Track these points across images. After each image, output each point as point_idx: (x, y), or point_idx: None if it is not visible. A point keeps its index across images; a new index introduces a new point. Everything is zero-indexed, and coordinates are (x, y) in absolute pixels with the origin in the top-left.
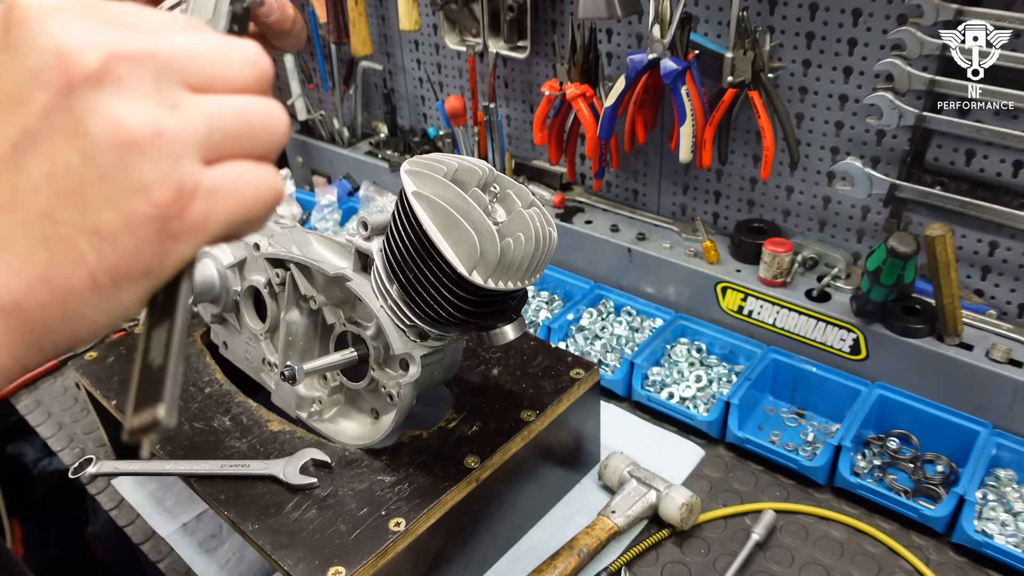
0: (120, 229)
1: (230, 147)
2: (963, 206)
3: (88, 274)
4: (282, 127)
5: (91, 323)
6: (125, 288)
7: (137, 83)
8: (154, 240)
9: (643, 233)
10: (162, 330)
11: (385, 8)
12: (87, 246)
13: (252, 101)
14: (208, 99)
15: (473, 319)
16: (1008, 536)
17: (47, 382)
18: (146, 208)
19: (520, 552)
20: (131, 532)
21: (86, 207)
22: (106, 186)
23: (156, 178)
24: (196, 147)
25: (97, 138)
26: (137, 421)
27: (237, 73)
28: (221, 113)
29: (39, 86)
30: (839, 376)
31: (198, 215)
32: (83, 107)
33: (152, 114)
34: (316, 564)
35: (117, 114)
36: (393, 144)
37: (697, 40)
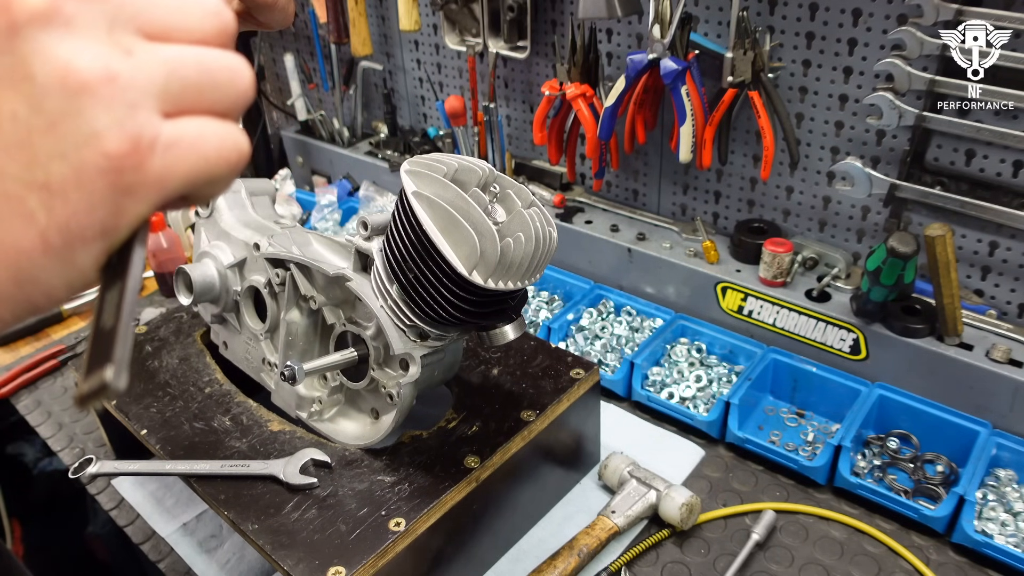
0: (71, 183)
1: (190, 100)
2: (963, 206)
3: (38, 234)
4: (246, 81)
5: (47, 288)
6: (79, 249)
7: (88, 25)
8: (108, 195)
9: (643, 233)
10: (114, 292)
11: (385, 8)
12: (36, 202)
13: (213, 53)
14: (166, 47)
15: (473, 319)
16: (1008, 536)
17: (47, 382)
18: (99, 160)
19: (520, 552)
20: (131, 532)
21: (34, 160)
22: (55, 136)
23: (109, 127)
24: (153, 96)
25: (44, 83)
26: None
27: (197, 23)
28: (180, 62)
29: None
30: (839, 376)
31: (156, 170)
32: (28, 49)
33: (105, 57)
34: (316, 564)
35: (66, 57)
36: (393, 144)
37: (697, 40)
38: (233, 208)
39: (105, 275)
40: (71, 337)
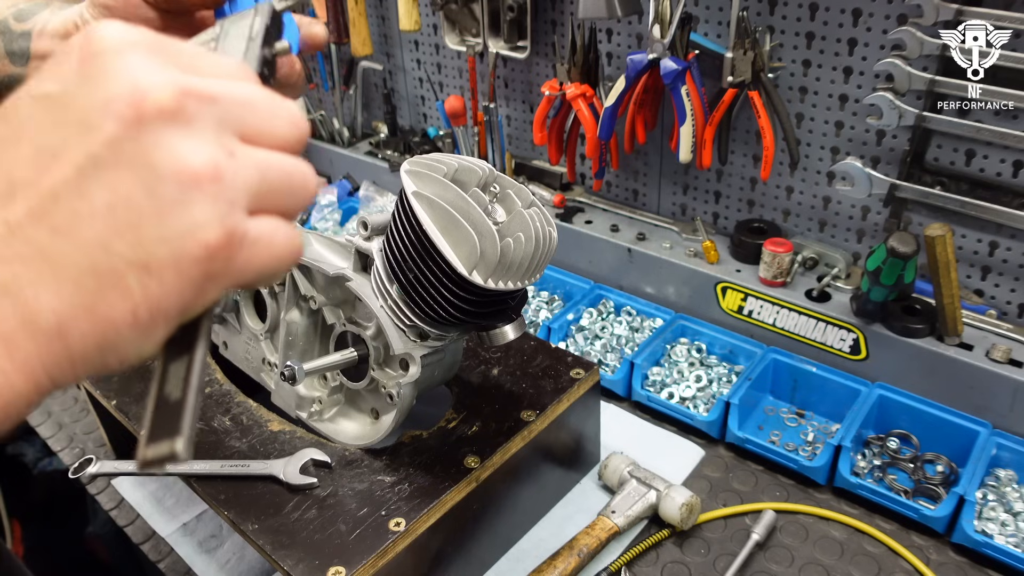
0: (169, 267)
1: (270, 201)
2: (963, 206)
3: (131, 308)
4: (313, 190)
5: (122, 355)
6: (160, 325)
7: (203, 124)
8: (197, 281)
9: (643, 233)
10: (180, 364)
11: (385, 8)
12: (135, 280)
13: (292, 160)
14: (257, 152)
15: (473, 319)
16: (1008, 536)
17: None
18: (197, 249)
19: (520, 552)
20: (131, 532)
21: (140, 241)
22: (163, 222)
23: (211, 220)
24: (247, 196)
25: (162, 172)
26: (152, 452)
27: (284, 131)
28: (269, 167)
29: (111, 115)
30: (839, 376)
31: (239, 262)
32: (151, 141)
33: (215, 156)
34: (316, 564)
35: (184, 152)
36: (393, 144)
37: (697, 40)
38: None
39: (168, 347)
40: None
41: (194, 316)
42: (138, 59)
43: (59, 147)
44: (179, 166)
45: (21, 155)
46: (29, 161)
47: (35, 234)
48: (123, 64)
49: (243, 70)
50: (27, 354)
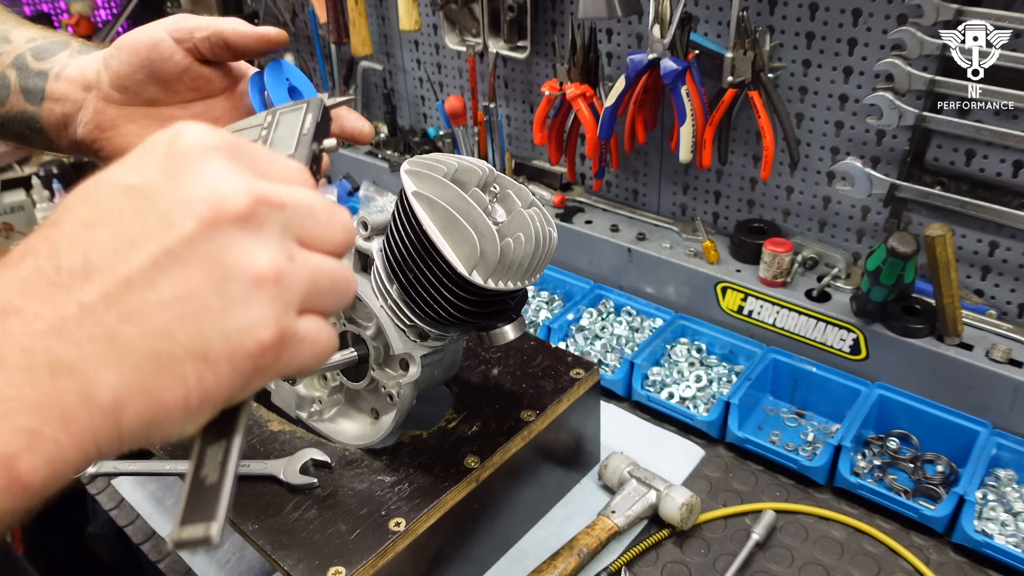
0: (225, 359)
1: (317, 302)
2: (963, 206)
3: (183, 394)
4: (352, 293)
5: (167, 434)
6: (207, 410)
7: (270, 230)
8: (248, 373)
9: (643, 233)
10: (218, 448)
11: (385, 8)
12: (191, 368)
13: (340, 266)
14: (313, 256)
15: (473, 319)
16: (1008, 536)
17: None
18: (252, 346)
19: (520, 552)
20: (131, 532)
21: (202, 333)
22: (225, 318)
23: (268, 319)
24: (300, 298)
25: (230, 272)
26: (187, 534)
27: (336, 238)
28: (321, 272)
29: (190, 214)
30: (839, 376)
31: (285, 359)
32: (224, 242)
33: (278, 261)
34: (316, 564)
35: (252, 255)
36: (393, 144)
37: (697, 40)
38: None
39: (208, 429)
40: None
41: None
42: (219, 163)
43: (138, 237)
44: (246, 268)
45: (101, 239)
46: (108, 247)
47: (105, 317)
48: (205, 167)
49: (305, 175)
50: (82, 427)
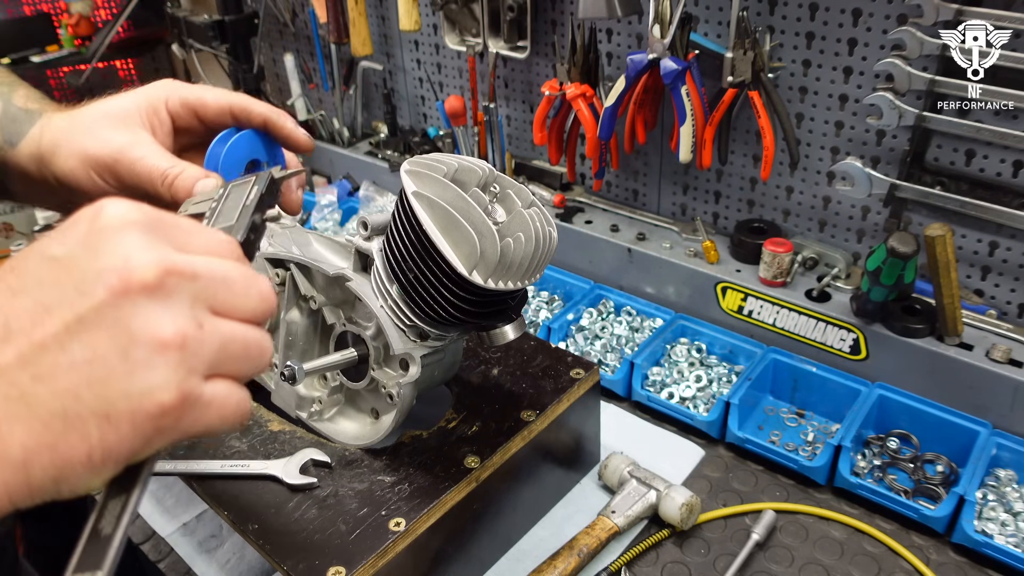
0: (126, 419)
1: (227, 367)
2: (963, 206)
3: (87, 451)
4: (267, 360)
5: (73, 488)
6: (110, 467)
7: (179, 299)
8: (148, 433)
9: (643, 233)
10: (117, 502)
11: (385, 8)
12: (95, 427)
13: (253, 333)
14: (224, 323)
15: (473, 319)
16: (1008, 536)
17: None
18: (153, 407)
19: (520, 552)
20: (131, 532)
21: (106, 394)
22: (128, 380)
23: (169, 383)
24: (206, 364)
25: (135, 337)
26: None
27: (251, 306)
28: (233, 338)
29: (102, 284)
30: (839, 376)
31: (187, 421)
32: (131, 311)
33: (184, 327)
34: (316, 564)
35: (157, 322)
36: (393, 144)
37: (697, 40)
38: None
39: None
40: None
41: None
42: (134, 237)
43: (53, 305)
44: (151, 334)
45: (21, 306)
46: (27, 313)
47: (19, 377)
48: (120, 240)
49: (230, 247)
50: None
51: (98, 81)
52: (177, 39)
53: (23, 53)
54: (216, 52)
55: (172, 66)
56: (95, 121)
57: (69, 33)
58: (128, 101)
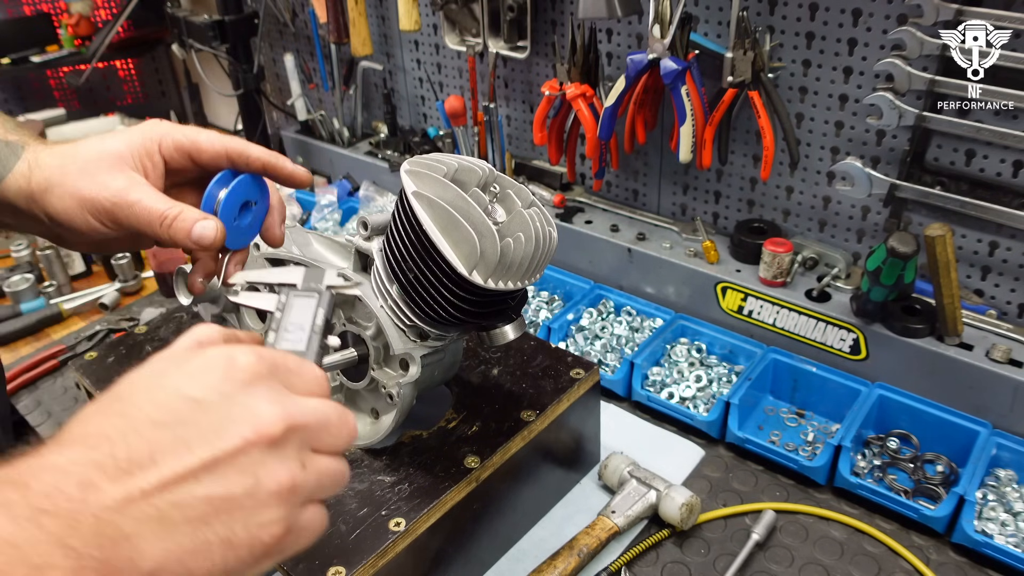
0: (245, 546)
1: (317, 496)
2: (963, 206)
3: (209, 568)
4: (344, 481)
5: None
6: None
7: (294, 448)
8: (260, 558)
9: (643, 233)
10: None
11: (385, 8)
12: (218, 550)
13: (339, 465)
14: (321, 460)
15: (473, 319)
16: (1008, 536)
17: (47, 382)
18: (268, 538)
19: (520, 552)
20: None
21: (231, 524)
22: (249, 516)
23: (281, 519)
24: (306, 498)
25: (260, 483)
26: None
27: (341, 443)
28: (327, 473)
29: (237, 433)
30: (839, 376)
31: (289, 546)
32: (259, 459)
33: (294, 474)
34: (316, 564)
35: (276, 472)
36: (393, 144)
37: (697, 40)
38: None
39: None
40: (71, 337)
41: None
42: (262, 391)
43: (194, 443)
44: (271, 480)
45: (164, 439)
46: (169, 446)
47: (159, 501)
48: (251, 394)
49: (324, 384)
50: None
51: (98, 81)
52: (177, 39)
53: (23, 53)
54: (216, 52)
55: (172, 66)
56: (90, 163)
57: (69, 33)
58: (121, 143)
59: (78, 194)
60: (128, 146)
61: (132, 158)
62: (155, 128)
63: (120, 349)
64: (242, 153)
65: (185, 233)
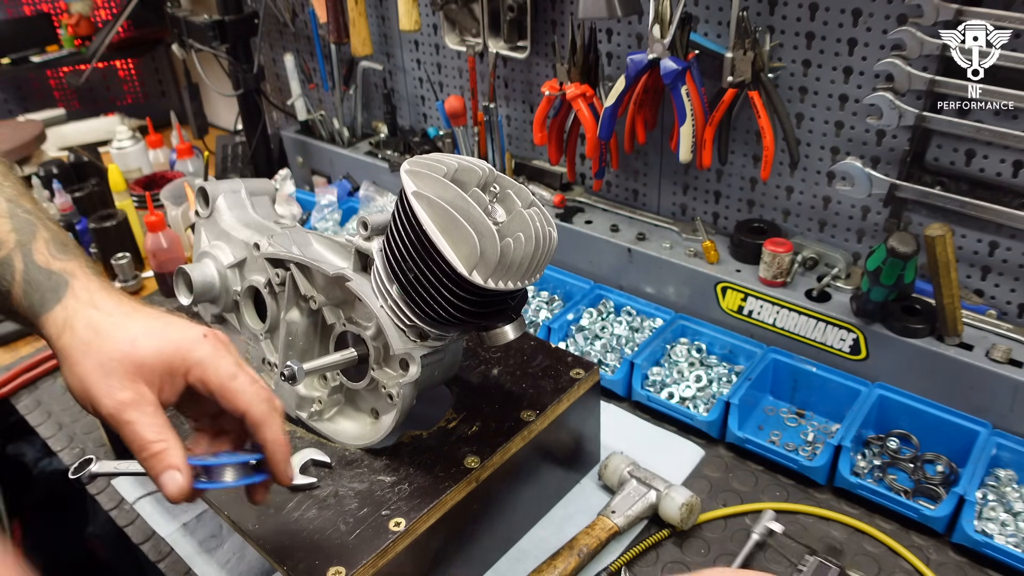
0: None
1: None
2: (963, 206)
3: None
4: None
5: None
6: None
7: None
8: None
9: (643, 233)
10: None
11: (385, 8)
12: None
13: None
14: None
15: (473, 319)
16: (1008, 536)
17: (47, 382)
18: None
19: (520, 552)
20: (131, 532)
21: None
22: None
23: None
24: None
25: None
26: None
27: None
28: None
29: None
30: (839, 376)
31: None
32: None
33: None
34: (316, 564)
35: None
36: (393, 144)
37: (697, 40)
38: (233, 208)
39: None
40: None
41: None
42: None
43: None
44: None
45: None
46: None
47: None
48: None
49: None
50: None
51: (98, 81)
52: (177, 39)
53: (23, 53)
54: (216, 52)
55: (172, 66)
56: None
57: (69, 33)
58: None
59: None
60: (157, 357)
61: (153, 373)
62: (193, 352)
63: None
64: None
65: (155, 472)
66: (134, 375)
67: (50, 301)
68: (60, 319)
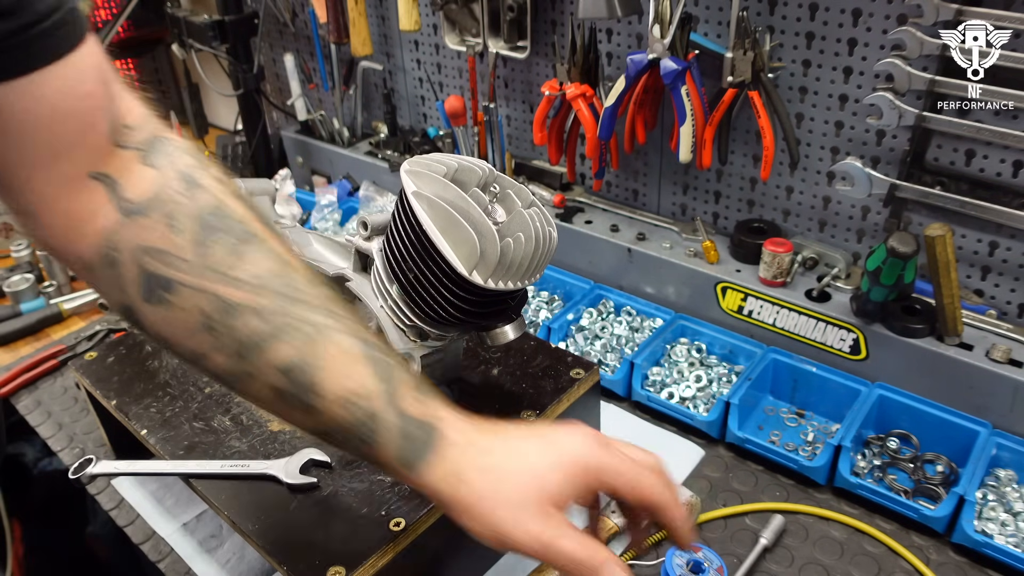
0: None
1: None
2: (963, 206)
3: None
4: None
5: None
6: None
7: None
8: None
9: (643, 233)
10: None
11: (385, 8)
12: None
13: None
14: None
15: (473, 319)
16: (1008, 536)
17: (47, 382)
18: None
19: None
20: (131, 532)
21: None
22: None
23: None
24: None
25: None
26: None
27: None
28: None
29: None
30: (839, 376)
31: None
32: None
33: None
34: (316, 564)
35: None
36: (393, 144)
37: (697, 40)
38: None
39: None
40: (71, 337)
41: None
42: None
43: None
44: None
45: None
46: None
47: None
48: None
49: None
50: None
51: None
52: (177, 39)
53: None
54: (216, 52)
55: (172, 66)
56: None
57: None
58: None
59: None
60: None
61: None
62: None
63: (120, 349)
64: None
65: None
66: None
67: (423, 450)
68: (441, 471)
